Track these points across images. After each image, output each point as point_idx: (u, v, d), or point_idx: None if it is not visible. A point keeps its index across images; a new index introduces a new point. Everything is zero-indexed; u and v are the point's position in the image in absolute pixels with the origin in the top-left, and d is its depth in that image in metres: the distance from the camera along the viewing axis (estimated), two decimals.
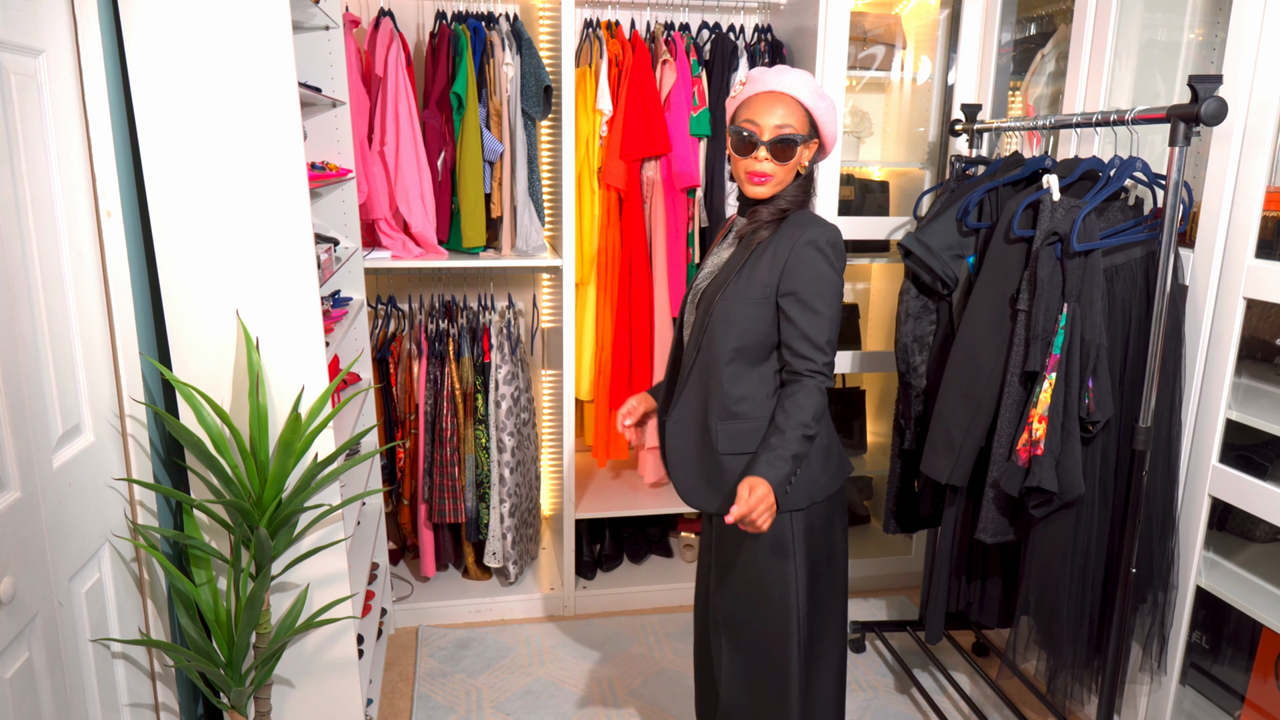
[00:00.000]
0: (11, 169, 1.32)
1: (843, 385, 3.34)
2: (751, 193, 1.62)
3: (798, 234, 1.59)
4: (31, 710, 1.33)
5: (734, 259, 1.65)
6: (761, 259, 1.60)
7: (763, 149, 1.57)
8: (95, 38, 1.51)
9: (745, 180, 1.61)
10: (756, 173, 1.59)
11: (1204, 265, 1.86)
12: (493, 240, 2.81)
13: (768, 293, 1.59)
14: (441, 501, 2.79)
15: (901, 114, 3.19)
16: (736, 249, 1.67)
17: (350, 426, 2.32)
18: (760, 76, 1.61)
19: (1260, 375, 1.95)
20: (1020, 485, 1.86)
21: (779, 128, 1.57)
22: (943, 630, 2.30)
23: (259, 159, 1.65)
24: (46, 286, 1.41)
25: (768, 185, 1.60)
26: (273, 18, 1.59)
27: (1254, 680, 1.92)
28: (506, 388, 2.77)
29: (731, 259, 1.66)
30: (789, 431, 1.53)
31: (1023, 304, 1.90)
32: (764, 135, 1.57)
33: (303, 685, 1.92)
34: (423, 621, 2.87)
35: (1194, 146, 1.83)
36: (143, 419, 1.66)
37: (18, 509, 1.31)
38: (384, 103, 2.55)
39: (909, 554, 3.18)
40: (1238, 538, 2.06)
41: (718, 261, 1.71)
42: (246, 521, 1.63)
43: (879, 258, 3.14)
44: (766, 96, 1.59)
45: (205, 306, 1.69)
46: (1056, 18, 2.67)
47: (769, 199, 1.63)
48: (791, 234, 1.60)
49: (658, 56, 2.75)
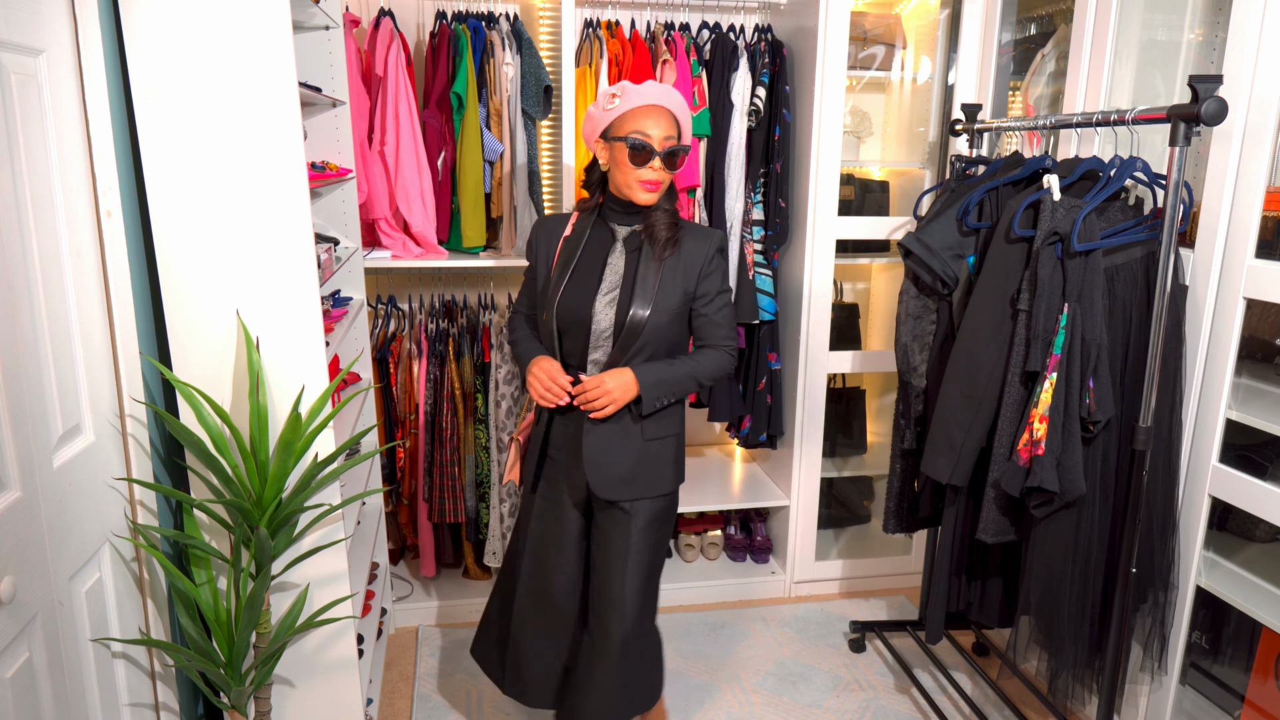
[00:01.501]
0: (12, 169, 1.32)
1: (843, 385, 3.34)
2: (643, 200, 1.77)
3: (701, 244, 1.82)
4: (31, 710, 1.33)
5: (641, 270, 1.80)
6: (675, 270, 1.80)
7: (656, 159, 1.73)
8: (95, 38, 1.51)
9: (637, 188, 1.76)
10: (650, 181, 1.75)
11: (1204, 265, 1.86)
12: (493, 240, 2.81)
13: (687, 300, 1.83)
14: (441, 501, 2.79)
15: (901, 114, 3.19)
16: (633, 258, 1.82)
17: (350, 426, 2.32)
18: (636, 91, 1.76)
19: (1260, 375, 1.95)
20: (1021, 485, 1.86)
21: (666, 139, 1.74)
22: (943, 630, 2.30)
23: (259, 159, 1.65)
24: (46, 286, 1.41)
25: (657, 192, 1.77)
26: (273, 18, 1.59)
27: (1254, 680, 1.92)
28: (506, 387, 2.77)
29: (639, 270, 1.80)
30: (682, 366, 1.82)
31: (1023, 304, 1.90)
32: (656, 146, 1.73)
33: (303, 685, 1.92)
34: (423, 621, 2.87)
35: (1194, 146, 1.83)
36: (143, 419, 1.66)
37: (18, 509, 1.31)
38: (384, 102, 2.55)
39: (909, 554, 3.18)
40: (1238, 538, 2.06)
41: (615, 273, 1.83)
42: (246, 521, 1.63)
43: (879, 258, 3.15)
44: (651, 110, 1.74)
45: (205, 306, 1.69)
46: (1056, 18, 2.67)
47: (654, 206, 1.80)
48: (695, 244, 1.82)
49: (658, 56, 2.75)
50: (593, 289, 1.82)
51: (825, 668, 2.66)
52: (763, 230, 2.86)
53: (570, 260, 1.85)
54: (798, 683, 2.59)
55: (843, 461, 3.28)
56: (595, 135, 1.82)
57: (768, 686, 2.57)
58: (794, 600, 3.08)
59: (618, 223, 1.86)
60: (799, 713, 2.45)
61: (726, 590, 3.06)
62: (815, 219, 2.76)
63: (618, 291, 1.81)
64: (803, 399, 2.91)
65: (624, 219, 1.85)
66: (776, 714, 2.45)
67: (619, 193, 1.81)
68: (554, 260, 1.89)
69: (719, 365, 1.86)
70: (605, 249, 1.85)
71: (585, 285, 1.83)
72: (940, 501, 2.36)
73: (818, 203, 2.74)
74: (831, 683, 2.59)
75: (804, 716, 2.44)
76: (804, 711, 2.46)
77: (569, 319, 1.83)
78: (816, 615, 2.97)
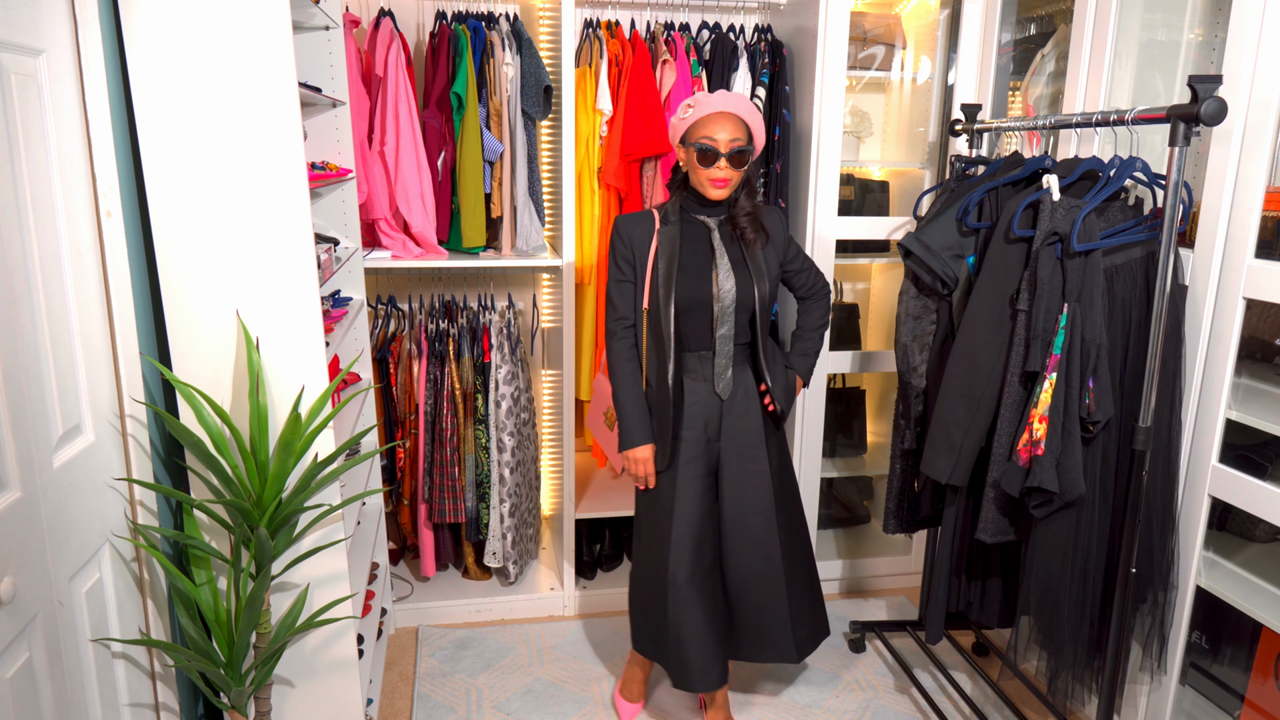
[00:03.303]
0: (12, 169, 1.32)
1: (843, 385, 3.34)
2: (714, 195, 2.00)
3: (777, 221, 2.14)
4: (31, 710, 1.33)
5: (749, 253, 2.06)
6: (769, 248, 2.10)
7: (723, 159, 1.95)
8: (95, 38, 1.51)
9: (707, 185, 1.99)
10: (718, 179, 1.97)
11: (1204, 265, 1.86)
12: (493, 240, 2.81)
13: (781, 269, 2.15)
14: (441, 501, 2.79)
15: (901, 114, 3.19)
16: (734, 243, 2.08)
17: (350, 426, 2.32)
18: (705, 101, 1.98)
19: (1260, 375, 1.95)
20: (1021, 485, 1.86)
21: (732, 141, 1.95)
22: (943, 630, 2.30)
23: (259, 159, 1.65)
24: (46, 286, 1.41)
25: (726, 188, 1.99)
26: (273, 18, 1.60)
27: (1254, 680, 1.92)
28: (506, 388, 2.77)
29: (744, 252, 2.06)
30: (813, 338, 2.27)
31: (1023, 304, 1.90)
32: (722, 149, 1.94)
33: (303, 685, 1.92)
34: (423, 621, 2.87)
35: (1194, 146, 1.83)
36: (143, 419, 1.66)
37: (18, 509, 1.31)
38: (384, 103, 2.55)
39: (909, 554, 3.18)
40: (1238, 538, 2.06)
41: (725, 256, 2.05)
42: (246, 521, 1.63)
43: (879, 258, 3.15)
44: (718, 116, 1.95)
45: (205, 306, 1.69)
46: (1056, 18, 2.67)
47: (734, 200, 2.05)
48: (772, 222, 2.12)
49: (658, 56, 2.75)
50: (708, 272, 2.04)
51: (825, 668, 2.66)
52: None
53: (673, 253, 2.03)
54: (797, 683, 2.59)
55: (843, 461, 3.28)
56: (676, 140, 2.04)
57: (768, 687, 2.57)
58: None
59: (705, 215, 2.08)
60: (799, 713, 2.45)
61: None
62: (815, 219, 2.76)
63: (733, 270, 2.04)
64: (803, 399, 2.91)
65: (709, 211, 2.07)
66: (776, 714, 2.45)
67: (698, 188, 2.02)
68: (651, 255, 2.05)
69: (827, 310, 2.27)
70: (705, 238, 2.07)
71: (700, 270, 2.04)
72: (940, 501, 2.36)
73: (818, 203, 2.74)
74: (831, 683, 2.59)
75: (804, 716, 2.44)
76: (804, 712, 2.46)
77: (690, 302, 2.03)
78: None
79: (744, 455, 2.13)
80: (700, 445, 2.12)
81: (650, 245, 2.05)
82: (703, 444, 2.12)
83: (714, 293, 2.03)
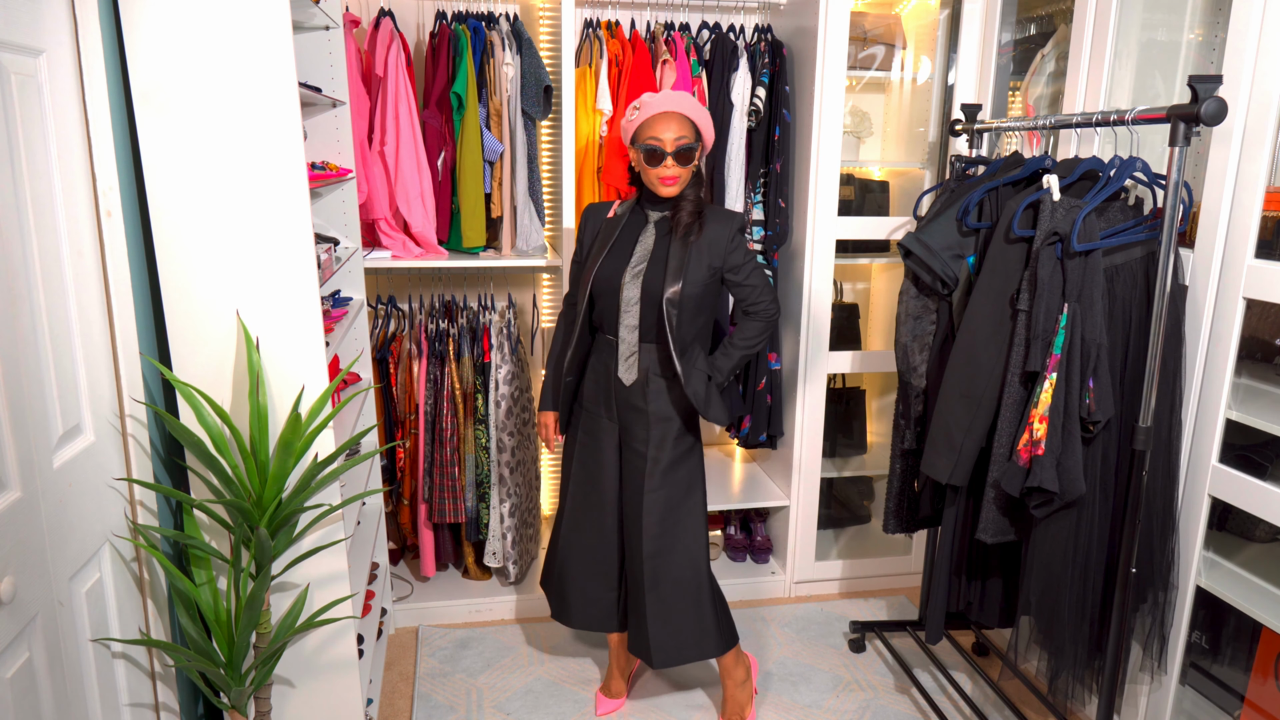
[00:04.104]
0: (12, 169, 1.32)
1: (843, 385, 3.34)
2: (664, 192, 2.03)
3: (724, 225, 2.07)
4: (31, 710, 1.33)
5: (673, 250, 2.04)
6: (702, 249, 2.05)
7: (669, 158, 1.99)
8: (95, 38, 1.51)
9: (656, 183, 2.02)
10: (667, 177, 2.00)
11: (1204, 265, 1.86)
12: (493, 240, 2.81)
13: (715, 275, 2.08)
14: (441, 501, 2.79)
15: (901, 114, 3.19)
16: (663, 239, 2.08)
17: (350, 426, 2.32)
18: (650, 102, 2.01)
19: (1260, 375, 1.95)
20: (1021, 485, 1.86)
21: (678, 139, 1.98)
22: (943, 630, 2.30)
23: (259, 159, 1.65)
24: (46, 286, 1.41)
25: (676, 185, 2.02)
26: (273, 18, 1.59)
27: (1254, 680, 1.92)
28: (506, 388, 2.77)
29: (669, 249, 2.05)
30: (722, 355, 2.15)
31: (1023, 304, 1.90)
32: (668, 148, 1.98)
33: (303, 685, 1.92)
34: (423, 621, 2.87)
35: (1194, 146, 1.83)
36: (143, 419, 1.66)
37: (18, 509, 1.31)
38: (384, 103, 2.55)
39: (909, 554, 3.18)
40: (1238, 538, 2.06)
41: (644, 249, 2.09)
42: (246, 521, 1.63)
43: (879, 258, 3.15)
44: (663, 116, 1.99)
45: (205, 306, 1.69)
46: (1056, 18, 2.67)
47: (681, 195, 2.05)
48: (718, 225, 2.07)
49: (658, 56, 2.75)
50: (623, 263, 2.09)
51: (825, 668, 2.66)
52: (763, 230, 2.87)
53: (609, 239, 2.12)
54: (797, 683, 2.59)
55: (843, 461, 3.28)
56: (626, 142, 2.09)
57: (768, 686, 2.56)
58: (794, 600, 3.08)
59: (652, 210, 2.13)
60: (799, 713, 2.45)
61: (726, 590, 3.04)
62: (815, 219, 2.76)
63: (645, 266, 2.07)
64: (803, 399, 2.91)
65: (656, 207, 2.12)
66: (776, 714, 2.45)
67: (650, 186, 2.07)
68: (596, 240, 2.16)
69: (762, 332, 2.15)
70: (638, 230, 2.13)
71: (618, 260, 2.10)
72: (940, 501, 2.36)
73: (818, 203, 2.74)
74: (831, 683, 2.59)
75: (804, 716, 2.44)
76: (804, 712, 2.46)
77: (602, 289, 2.11)
78: (816, 615, 2.97)
79: (631, 448, 2.18)
80: (597, 419, 2.22)
81: (599, 231, 2.17)
82: (601, 419, 2.21)
83: (623, 281, 2.09)
